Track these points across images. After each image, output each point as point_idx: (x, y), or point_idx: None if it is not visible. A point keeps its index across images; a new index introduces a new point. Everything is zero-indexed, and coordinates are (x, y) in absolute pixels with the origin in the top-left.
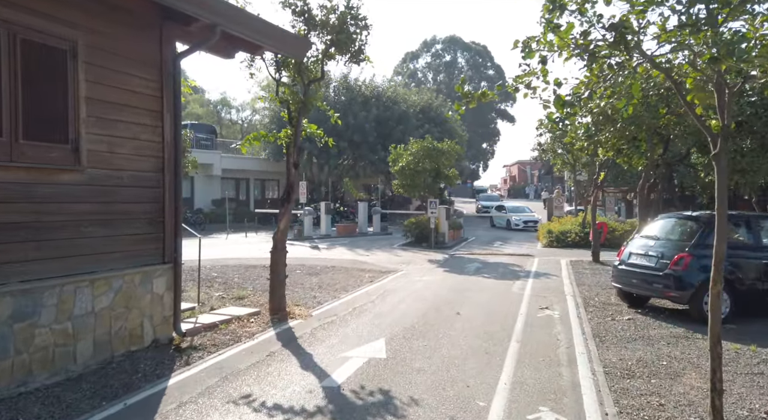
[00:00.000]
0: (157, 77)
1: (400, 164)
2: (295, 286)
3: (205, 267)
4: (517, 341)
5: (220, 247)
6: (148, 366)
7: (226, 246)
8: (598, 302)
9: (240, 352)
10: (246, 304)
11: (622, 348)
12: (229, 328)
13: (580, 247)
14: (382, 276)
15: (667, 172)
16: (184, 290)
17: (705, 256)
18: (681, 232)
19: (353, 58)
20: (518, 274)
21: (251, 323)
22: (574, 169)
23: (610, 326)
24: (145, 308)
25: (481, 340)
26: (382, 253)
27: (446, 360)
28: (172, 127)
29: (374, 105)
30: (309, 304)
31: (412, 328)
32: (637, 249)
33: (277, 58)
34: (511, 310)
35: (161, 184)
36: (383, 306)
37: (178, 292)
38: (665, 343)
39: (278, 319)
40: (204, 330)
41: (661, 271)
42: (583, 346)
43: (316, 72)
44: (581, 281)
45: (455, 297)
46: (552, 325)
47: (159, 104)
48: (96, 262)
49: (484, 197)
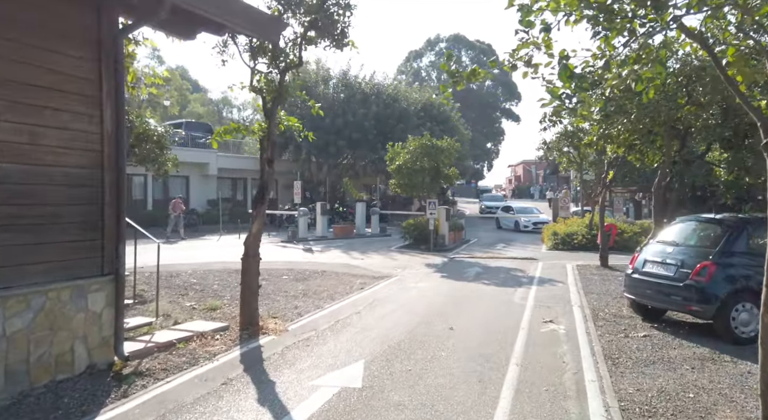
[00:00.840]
0: (95, 56)
1: (397, 163)
2: (277, 294)
3: (185, 272)
4: (516, 364)
5: (209, 249)
6: (73, 400)
7: (216, 248)
8: (608, 314)
9: (192, 379)
10: (216, 316)
11: (640, 374)
12: (189, 347)
13: (587, 249)
14: (374, 282)
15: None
16: (149, 300)
17: (732, 265)
18: (703, 238)
19: (336, 42)
20: (521, 280)
21: (215, 341)
22: (581, 167)
23: (623, 345)
24: (77, 329)
25: (475, 362)
26: (377, 256)
27: (432, 390)
28: (114, 116)
29: (374, 102)
30: (288, 316)
31: (398, 348)
32: (653, 256)
33: (252, 43)
34: (511, 323)
35: (100, 183)
36: (369, 318)
37: (120, 309)
38: (689, 367)
39: (248, 336)
40: (158, 350)
41: (681, 282)
42: (593, 371)
43: (293, 58)
44: (589, 289)
45: (450, 308)
46: (557, 343)
47: (97, 88)
48: (12, 276)
49: (488, 197)
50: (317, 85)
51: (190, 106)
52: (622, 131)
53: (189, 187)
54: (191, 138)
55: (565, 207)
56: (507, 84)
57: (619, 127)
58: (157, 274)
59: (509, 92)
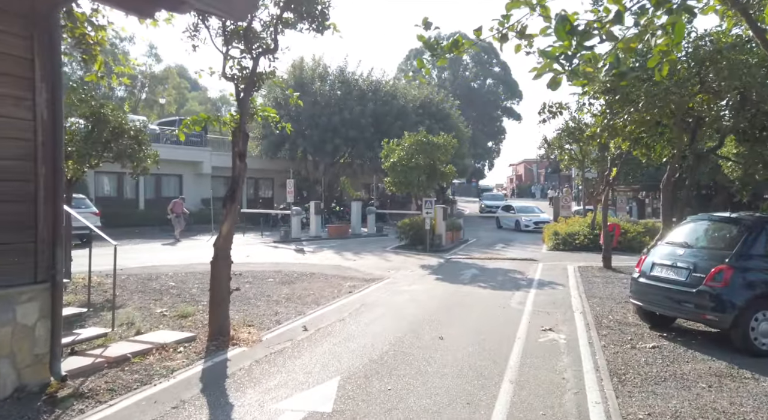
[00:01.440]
0: (26, 32)
1: (391, 160)
2: (259, 299)
3: (166, 274)
4: (510, 382)
5: (196, 250)
6: None
7: (204, 249)
8: (612, 321)
9: (139, 402)
10: (186, 325)
11: (650, 394)
12: (145, 361)
13: (589, 250)
14: (364, 285)
15: (694, 166)
16: (123, 306)
17: (751, 269)
18: (718, 239)
19: (316, 24)
20: (519, 283)
21: (177, 354)
22: (583, 165)
23: (630, 358)
24: (2, 346)
25: (464, 379)
26: (371, 257)
27: (412, 416)
28: (50, 100)
29: (371, 99)
30: (265, 324)
31: (380, 361)
32: (663, 259)
33: (225, 26)
34: (507, 332)
35: (32, 177)
36: (353, 326)
37: (57, 320)
38: (705, 385)
39: (215, 347)
40: (108, 366)
41: (693, 288)
42: (597, 390)
43: (269, 42)
44: (591, 292)
45: (442, 314)
46: (557, 356)
47: (29, 69)
48: None
49: (488, 196)
50: (313, 82)
51: (188, 104)
52: (627, 121)
53: (182, 186)
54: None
55: (566, 206)
56: (508, 82)
57: (625, 116)
58: (113, 278)
59: (510, 91)
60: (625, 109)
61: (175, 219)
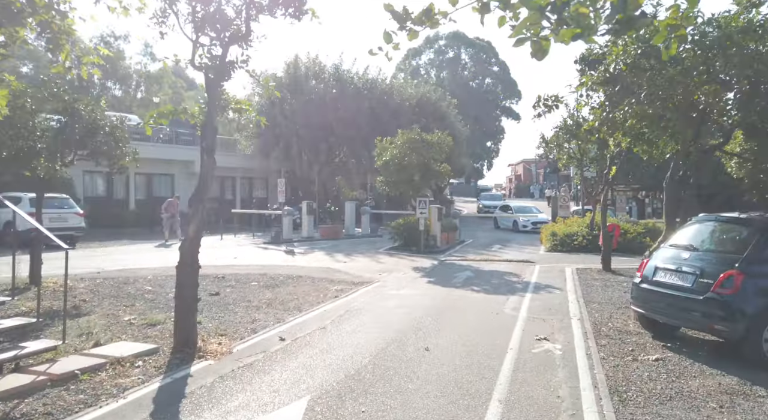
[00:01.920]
0: None
1: (384, 158)
2: (238, 304)
3: (144, 278)
4: (499, 401)
5: None
6: None
7: None
8: (612, 329)
9: None
10: (153, 334)
11: (655, 417)
12: (96, 378)
13: (588, 251)
14: (352, 289)
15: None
16: (89, 313)
17: (763, 275)
18: (726, 241)
19: (292, 10)
20: (515, 286)
21: (134, 369)
22: (581, 163)
23: (632, 372)
24: None
25: (448, 399)
26: (362, 258)
27: None
28: None
29: (367, 97)
30: (239, 333)
31: (356, 378)
32: (666, 263)
33: (195, 12)
34: (499, 341)
35: None
36: (334, 336)
37: None
38: (715, 404)
39: (180, 360)
40: (51, 384)
41: (700, 295)
42: (595, 412)
43: (241, 28)
44: (590, 297)
45: (430, 321)
46: (552, 369)
47: None
48: None
49: (486, 196)
50: (308, 80)
51: (184, 103)
52: (628, 114)
53: (174, 186)
54: (177, 135)
55: (564, 206)
56: (507, 82)
57: (626, 109)
58: (65, 286)
59: (509, 90)
60: (625, 101)
61: (168, 219)
